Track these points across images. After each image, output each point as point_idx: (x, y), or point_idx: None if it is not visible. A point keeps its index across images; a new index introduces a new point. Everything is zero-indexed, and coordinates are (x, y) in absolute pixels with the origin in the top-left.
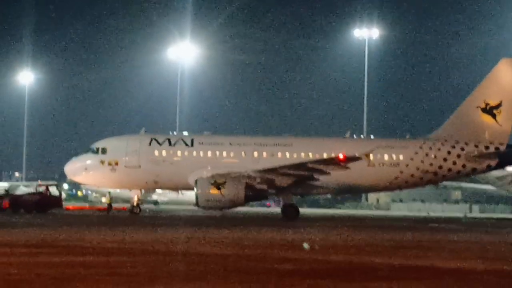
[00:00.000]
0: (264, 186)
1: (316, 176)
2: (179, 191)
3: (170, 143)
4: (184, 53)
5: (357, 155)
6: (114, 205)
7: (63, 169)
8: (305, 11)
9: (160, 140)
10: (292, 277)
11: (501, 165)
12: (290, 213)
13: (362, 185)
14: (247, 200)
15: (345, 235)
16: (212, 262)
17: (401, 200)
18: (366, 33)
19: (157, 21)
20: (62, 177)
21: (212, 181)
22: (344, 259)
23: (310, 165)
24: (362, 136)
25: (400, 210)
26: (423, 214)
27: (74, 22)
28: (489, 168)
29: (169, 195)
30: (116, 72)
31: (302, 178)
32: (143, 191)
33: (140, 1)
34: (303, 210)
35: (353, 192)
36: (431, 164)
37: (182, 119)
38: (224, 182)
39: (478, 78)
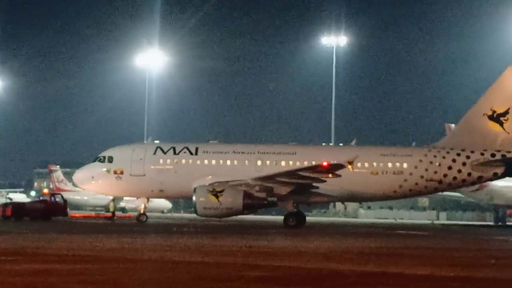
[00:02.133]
0: (263, 194)
1: (315, 183)
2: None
3: (175, 152)
4: (152, 60)
5: (341, 162)
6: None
7: (30, 177)
8: (273, 19)
9: (165, 149)
10: (258, 283)
11: (508, 173)
12: (291, 221)
13: (366, 193)
14: (246, 209)
15: (313, 242)
16: (182, 270)
17: (369, 207)
18: (334, 41)
19: (125, 28)
20: (29, 185)
21: (211, 189)
22: (312, 266)
23: (300, 173)
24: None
25: (368, 217)
26: (390, 221)
27: (41, 29)
28: (496, 176)
29: (137, 202)
30: (83, 79)
31: (300, 186)
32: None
33: (107, 8)
34: (275, 218)
35: (357, 200)
36: (435, 172)
37: (150, 127)
38: (222, 190)
39: (444, 85)
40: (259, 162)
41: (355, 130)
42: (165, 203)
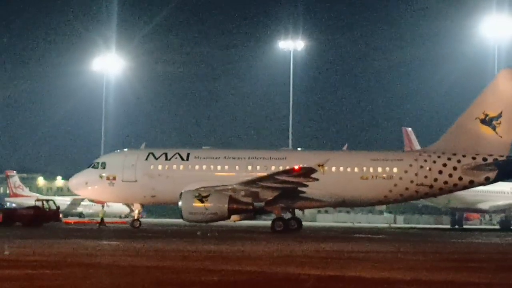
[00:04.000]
0: (249, 199)
1: (300, 188)
2: (105, 204)
3: (166, 158)
4: (109, 64)
5: (312, 166)
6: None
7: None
8: (230, 23)
9: (157, 155)
10: None
11: (500, 177)
12: (278, 227)
13: (356, 198)
14: (231, 213)
15: (274, 246)
16: (141, 274)
17: (326, 211)
18: (291, 45)
19: (82, 31)
20: None
21: (196, 194)
22: (272, 270)
23: (276, 177)
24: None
25: (325, 221)
26: (348, 224)
27: None
28: (488, 181)
29: (94, 207)
30: (40, 83)
31: (286, 190)
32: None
33: (64, 11)
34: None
35: (348, 205)
36: (425, 177)
37: (108, 131)
38: (208, 195)
39: (401, 88)
40: (249, 167)
41: (313, 133)
42: (123, 208)
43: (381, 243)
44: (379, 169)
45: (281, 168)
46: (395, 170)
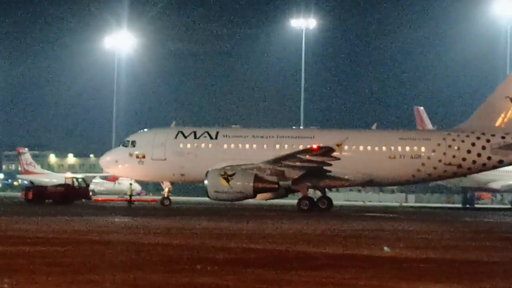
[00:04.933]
0: (274, 178)
1: (325, 167)
2: (116, 181)
3: (195, 136)
4: (121, 42)
5: (330, 145)
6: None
7: None
8: (242, 1)
9: (186, 133)
10: (226, 265)
11: None
12: (304, 206)
13: (384, 177)
14: (257, 192)
15: (282, 224)
16: (153, 252)
17: (337, 190)
18: (303, 23)
19: (93, 9)
20: None
21: (222, 173)
22: (282, 248)
23: (298, 156)
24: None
25: (336, 199)
26: (359, 203)
27: (6, 11)
28: None
29: (106, 185)
30: (52, 62)
31: (312, 169)
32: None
33: None
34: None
35: (375, 185)
36: (454, 156)
37: (120, 109)
38: (233, 174)
39: (414, 67)
40: (277, 146)
41: (324, 112)
42: (134, 186)
43: (392, 222)
44: (407, 148)
45: (308, 146)
46: (423, 149)
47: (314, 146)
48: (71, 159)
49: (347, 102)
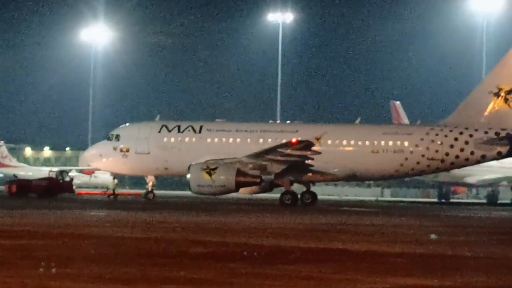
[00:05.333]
0: (257, 172)
1: (308, 161)
2: (92, 174)
3: (179, 130)
4: (97, 35)
5: (309, 139)
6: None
7: None
8: None
9: (170, 127)
10: (201, 259)
11: None
12: (287, 200)
13: (367, 172)
14: (239, 186)
15: (262, 218)
16: (129, 245)
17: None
18: (280, 17)
19: (69, 2)
20: None
21: (204, 167)
22: (257, 242)
23: (279, 150)
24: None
25: None
26: (335, 197)
27: None
28: (500, 155)
29: (82, 178)
30: (27, 54)
31: (294, 163)
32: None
33: None
34: None
35: (360, 179)
36: (436, 151)
37: (96, 102)
38: (216, 168)
39: (390, 62)
40: (261, 140)
41: (301, 106)
42: (110, 179)
43: (368, 216)
44: (390, 143)
45: (293, 140)
46: (406, 144)
47: (293, 140)
48: (47, 152)
49: (324, 97)
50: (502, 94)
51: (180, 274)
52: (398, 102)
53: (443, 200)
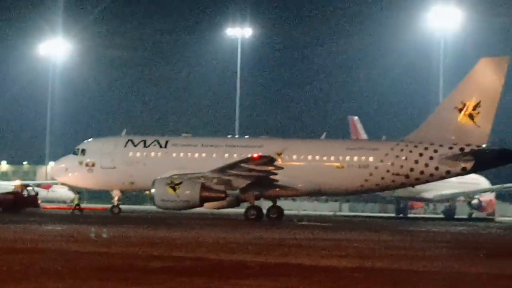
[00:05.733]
0: (221, 187)
1: (273, 176)
2: (50, 189)
3: (145, 145)
4: (56, 49)
5: (270, 154)
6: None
7: None
8: (179, 8)
9: (135, 142)
10: (158, 274)
11: (478, 168)
12: (251, 215)
13: (332, 187)
14: (204, 201)
15: (222, 233)
16: (85, 260)
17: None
18: (239, 32)
19: (27, 16)
20: None
21: (169, 181)
22: (216, 257)
23: (241, 165)
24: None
25: None
26: (293, 212)
27: None
28: (465, 171)
29: (41, 193)
30: None
31: (258, 178)
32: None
33: None
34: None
35: (324, 194)
36: (401, 167)
37: (54, 116)
38: (180, 183)
39: (348, 78)
40: (226, 155)
41: (259, 120)
42: (68, 193)
43: (326, 231)
44: (355, 158)
45: (249, 156)
46: (371, 159)
47: (255, 155)
48: (4, 166)
49: (282, 111)
50: (467, 109)
51: None
52: (356, 117)
53: (400, 215)
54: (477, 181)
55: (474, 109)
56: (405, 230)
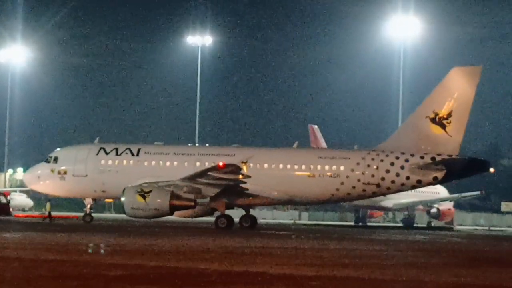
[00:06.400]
0: (191, 196)
1: (242, 185)
2: (8, 196)
3: (117, 153)
4: (15, 56)
5: (235, 163)
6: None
7: None
8: (139, 15)
9: (108, 150)
10: (117, 282)
11: (449, 177)
12: (221, 224)
13: (303, 196)
14: (174, 209)
15: (185, 241)
16: (42, 268)
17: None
18: (200, 40)
19: None
20: None
21: (139, 190)
22: (175, 265)
23: (209, 173)
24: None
25: (232, 215)
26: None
27: None
28: (436, 180)
29: None
30: None
31: (228, 187)
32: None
33: None
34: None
35: (296, 203)
36: (373, 176)
37: (13, 124)
38: (150, 191)
39: (308, 86)
40: (198, 164)
41: (219, 129)
42: (26, 201)
43: (286, 239)
44: (326, 167)
45: (214, 165)
46: (342, 168)
47: (220, 164)
48: None
49: (242, 119)
50: (438, 119)
51: None
52: (315, 126)
53: (360, 224)
54: (436, 190)
55: (445, 118)
56: (363, 239)
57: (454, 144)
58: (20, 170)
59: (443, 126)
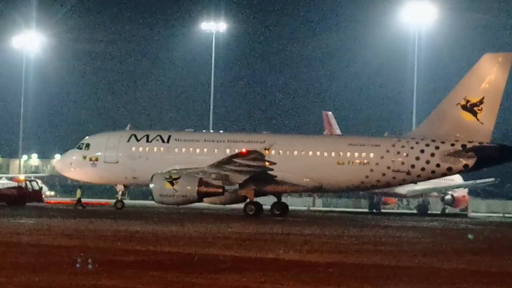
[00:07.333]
0: (219, 182)
1: (270, 172)
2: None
3: (147, 140)
4: (29, 42)
5: (258, 149)
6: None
7: None
8: (153, 2)
9: (139, 137)
10: (132, 268)
11: (480, 165)
12: (250, 211)
13: (333, 183)
14: (202, 196)
15: (196, 227)
16: (58, 254)
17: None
18: (214, 26)
19: (0, 9)
20: None
21: (167, 176)
22: (189, 251)
23: (234, 160)
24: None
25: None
26: (266, 207)
27: None
28: (467, 168)
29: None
30: None
31: (257, 174)
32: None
33: None
34: None
35: (324, 191)
36: (402, 163)
37: (28, 110)
38: (178, 178)
39: (322, 73)
40: (227, 150)
41: (234, 115)
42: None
43: (300, 226)
44: (356, 154)
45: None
46: (371, 155)
47: (243, 150)
48: None
49: (256, 105)
50: (470, 106)
51: (110, 282)
52: (330, 113)
53: (374, 210)
54: (450, 176)
55: (476, 105)
56: (378, 225)
57: (485, 131)
58: (34, 156)
59: (475, 113)
